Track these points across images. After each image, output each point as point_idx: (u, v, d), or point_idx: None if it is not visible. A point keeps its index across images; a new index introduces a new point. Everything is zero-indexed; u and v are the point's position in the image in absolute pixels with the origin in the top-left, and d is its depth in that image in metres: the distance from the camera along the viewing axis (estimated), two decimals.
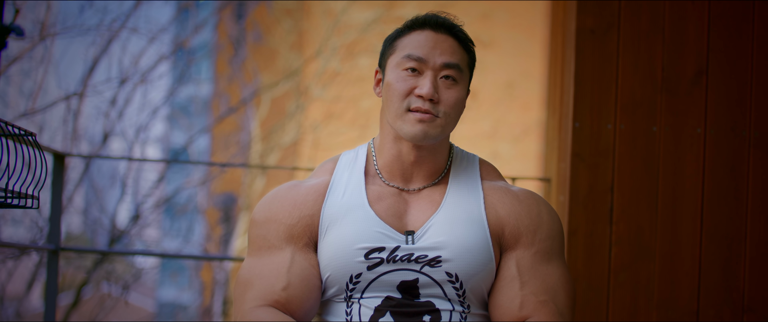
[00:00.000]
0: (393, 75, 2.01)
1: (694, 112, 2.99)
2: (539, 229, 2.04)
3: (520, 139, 10.84)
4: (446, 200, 2.02)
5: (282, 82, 10.91)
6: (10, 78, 9.59)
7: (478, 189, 2.05)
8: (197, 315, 12.59)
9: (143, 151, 9.61)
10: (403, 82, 1.99)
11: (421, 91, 1.97)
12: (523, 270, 2.01)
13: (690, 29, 3.00)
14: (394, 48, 2.04)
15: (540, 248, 2.03)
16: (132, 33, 8.64)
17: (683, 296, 2.95)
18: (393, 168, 2.05)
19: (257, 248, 2.02)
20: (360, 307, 1.98)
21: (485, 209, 2.03)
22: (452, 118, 2.01)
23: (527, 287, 2.00)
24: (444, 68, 2.00)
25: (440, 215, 2.00)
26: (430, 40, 2.01)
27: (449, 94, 2.00)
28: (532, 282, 2.01)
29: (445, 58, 2.00)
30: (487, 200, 2.04)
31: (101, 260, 8.66)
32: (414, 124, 1.98)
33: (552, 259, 2.04)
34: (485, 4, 10.80)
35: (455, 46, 2.03)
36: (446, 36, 2.03)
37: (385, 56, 2.06)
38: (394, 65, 2.02)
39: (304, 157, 10.72)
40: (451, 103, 1.99)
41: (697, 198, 2.97)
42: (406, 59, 2.00)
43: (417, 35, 2.03)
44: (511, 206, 2.05)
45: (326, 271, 1.99)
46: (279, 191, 2.06)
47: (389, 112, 2.02)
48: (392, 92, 2.00)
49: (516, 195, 2.07)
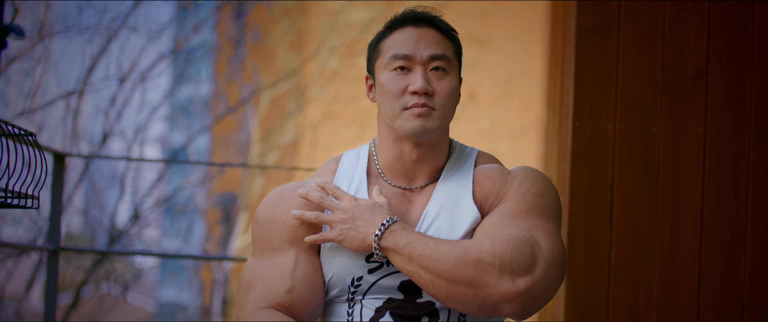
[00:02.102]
0: (384, 77, 2.01)
1: (694, 112, 2.98)
2: (523, 185, 1.99)
3: (519, 139, 10.84)
4: (436, 193, 2.01)
5: (281, 82, 10.91)
6: (9, 77, 9.58)
7: (469, 176, 2.03)
8: (197, 315, 12.59)
9: (143, 151, 9.60)
10: (395, 83, 1.99)
11: (414, 87, 1.97)
12: (501, 213, 1.95)
13: (690, 29, 3.00)
14: (380, 51, 2.04)
15: (523, 200, 1.97)
16: (131, 32, 8.64)
17: (683, 296, 2.95)
18: (395, 168, 2.05)
19: (261, 249, 2.01)
20: (362, 308, 1.98)
21: (473, 192, 2.00)
22: (449, 108, 2.00)
23: (503, 223, 1.93)
24: (432, 60, 2.00)
25: (430, 207, 2.00)
26: (412, 35, 2.01)
27: (442, 84, 1.99)
28: (510, 221, 1.94)
29: (431, 51, 2.00)
30: (475, 182, 2.02)
31: (101, 260, 8.66)
32: (412, 120, 1.98)
33: (538, 213, 1.97)
34: (485, 3, 10.80)
35: (439, 37, 2.02)
36: (428, 28, 2.02)
37: (372, 61, 2.06)
38: (382, 68, 2.02)
39: (303, 157, 10.71)
40: (445, 93, 1.99)
41: (697, 198, 2.97)
42: (394, 59, 2.00)
43: (399, 34, 2.03)
44: (496, 178, 2.01)
45: (328, 273, 1.99)
46: (282, 191, 2.05)
47: (386, 114, 2.01)
48: (386, 94, 2.00)
49: (507, 170, 2.04)
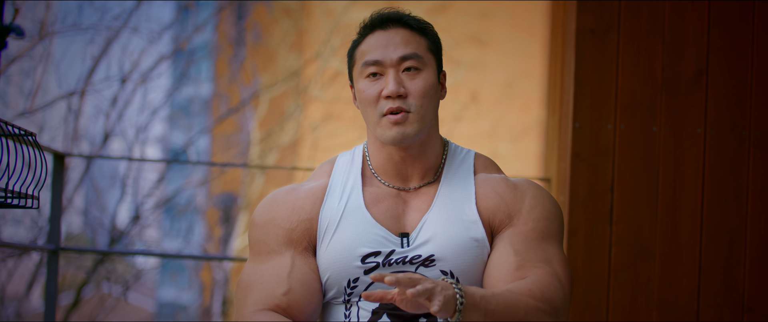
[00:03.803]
0: (360, 85, 2.02)
1: (694, 112, 2.98)
2: (534, 209, 2.00)
3: (519, 139, 10.84)
4: (437, 199, 2.01)
5: (281, 83, 10.91)
6: (9, 77, 9.58)
7: (470, 183, 2.03)
8: (197, 315, 12.59)
9: (143, 152, 9.60)
10: (369, 90, 2.00)
11: (386, 91, 1.97)
12: (517, 243, 1.97)
13: (690, 29, 3.00)
14: (354, 59, 2.05)
15: (535, 226, 1.99)
16: (132, 33, 8.64)
17: (683, 296, 2.95)
18: (387, 169, 2.05)
19: (258, 252, 2.02)
20: (358, 310, 1.98)
21: (476, 201, 2.00)
22: (426, 107, 1.99)
23: (522, 254, 1.95)
24: (402, 61, 1.99)
25: (432, 214, 2.00)
26: (381, 40, 2.01)
27: (415, 84, 1.99)
28: (528, 252, 1.96)
29: (399, 52, 2.00)
30: (478, 191, 2.02)
31: (101, 260, 8.66)
32: (390, 128, 1.98)
33: (549, 239, 1.99)
34: (485, 3, 10.80)
35: (408, 36, 2.02)
36: (396, 29, 2.02)
37: (350, 69, 2.07)
38: (358, 75, 2.03)
39: (303, 158, 10.71)
40: (419, 93, 1.98)
41: (697, 198, 2.97)
42: (366, 66, 2.01)
43: (369, 39, 2.03)
44: (503, 193, 2.01)
45: (325, 274, 1.99)
46: (278, 194, 2.06)
47: (368, 122, 2.02)
48: (363, 102, 2.01)
49: (511, 183, 2.04)
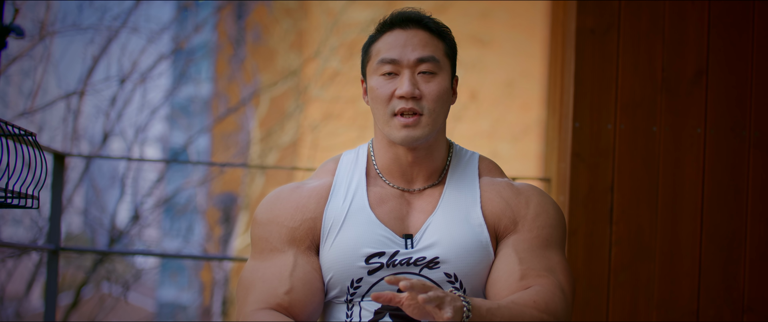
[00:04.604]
0: (373, 82, 2.01)
1: (694, 112, 2.98)
2: (538, 217, 2.01)
3: (519, 139, 10.84)
4: (442, 201, 2.01)
5: (281, 82, 10.91)
6: (9, 77, 9.58)
7: (475, 186, 2.03)
8: (197, 315, 12.59)
9: (143, 152, 9.60)
10: (383, 88, 1.99)
11: (401, 91, 1.96)
12: (521, 250, 1.98)
13: (690, 29, 3.00)
14: (370, 55, 2.04)
15: (540, 234, 2.00)
16: (132, 32, 8.64)
17: (683, 296, 2.95)
18: (392, 170, 2.04)
19: (260, 250, 2.01)
20: (361, 310, 1.97)
21: (481, 205, 2.01)
22: (438, 112, 1.99)
23: (526, 263, 1.96)
24: (419, 63, 1.99)
25: (437, 216, 1.99)
26: (400, 39, 2.00)
27: (430, 87, 1.98)
28: (532, 260, 1.97)
29: (417, 54, 1.99)
30: (483, 195, 2.02)
31: (101, 260, 8.66)
32: (400, 129, 1.97)
33: (552, 246, 2.00)
34: (485, 3, 10.80)
35: (427, 39, 2.01)
36: (416, 30, 2.01)
37: (364, 64, 2.06)
38: (372, 72, 2.02)
39: (303, 157, 10.71)
40: (433, 97, 1.98)
41: (697, 198, 2.97)
42: (381, 64, 2.00)
43: (388, 37, 2.01)
44: (508, 198, 2.02)
45: (328, 274, 1.98)
46: (281, 191, 2.05)
47: (377, 119, 2.02)
48: (375, 99, 2.00)
49: (516, 188, 2.05)
